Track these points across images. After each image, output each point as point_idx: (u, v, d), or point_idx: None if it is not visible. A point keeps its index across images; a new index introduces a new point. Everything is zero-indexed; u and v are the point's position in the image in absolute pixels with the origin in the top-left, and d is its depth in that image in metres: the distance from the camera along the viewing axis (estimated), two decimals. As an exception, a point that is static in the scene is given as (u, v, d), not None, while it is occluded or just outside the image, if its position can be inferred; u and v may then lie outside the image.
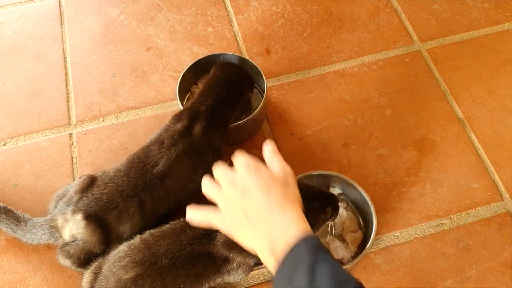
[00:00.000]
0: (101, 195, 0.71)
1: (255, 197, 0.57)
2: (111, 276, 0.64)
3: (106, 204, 0.71)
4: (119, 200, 0.71)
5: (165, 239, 0.66)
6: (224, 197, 0.60)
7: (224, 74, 0.82)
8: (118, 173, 0.74)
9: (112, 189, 0.72)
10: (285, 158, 0.88)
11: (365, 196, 0.77)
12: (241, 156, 0.62)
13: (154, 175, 0.73)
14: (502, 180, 0.87)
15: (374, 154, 0.90)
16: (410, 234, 0.82)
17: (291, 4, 1.11)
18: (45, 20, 1.09)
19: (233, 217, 0.59)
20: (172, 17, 1.09)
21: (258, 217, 0.56)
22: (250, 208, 0.57)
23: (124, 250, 0.66)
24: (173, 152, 0.74)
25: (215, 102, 0.77)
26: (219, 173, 0.62)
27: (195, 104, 0.78)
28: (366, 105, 0.96)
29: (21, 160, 0.90)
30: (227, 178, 0.60)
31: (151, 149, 0.75)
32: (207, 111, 0.77)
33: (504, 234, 0.81)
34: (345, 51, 1.03)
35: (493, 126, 0.93)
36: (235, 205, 0.58)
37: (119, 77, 1.00)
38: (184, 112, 0.78)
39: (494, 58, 1.02)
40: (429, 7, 1.10)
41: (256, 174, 0.59)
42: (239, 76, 0.84)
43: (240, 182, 0.59)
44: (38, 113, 0.95)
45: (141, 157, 0.74)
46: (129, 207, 0.71)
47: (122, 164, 0.75)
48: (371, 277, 0.78)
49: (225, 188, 0.60)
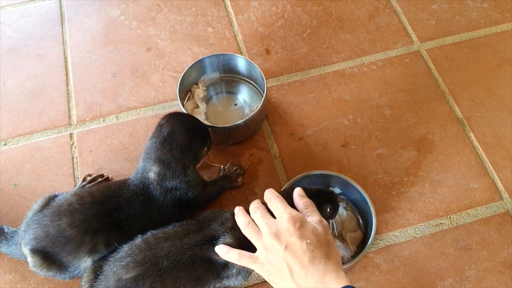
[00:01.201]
0: (47, 230, 0.68)
1: (300, 255, 0.58)
2: (111, 275, 0.65)
3: (57, 238, 0.68)
4: (75, 234, 0.68)
5: (167, 241, 0.66)
6: (264, 245, 0.61)
7: (169, 131, 0.73)
8: (76, 202, 0.70)
9: (68, 221, 0.68)
10: (285, 158, 0.89)
11: (364, 196, 0.77)
12: (285, 207, 0.63)
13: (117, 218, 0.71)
14: (502, 180, 0.87)
15: (373, 154, 0.90)
16: (409, 233, 0.82)
17: (291, 4, 1.11)
18: (46, 20, 1.09)
19: (273, 267, 0.60)
20: (172, 18, 1.09)
21: (303, 273, 0.57)
22: (293, 262, 0.58)
23: (125, 250, 0.67)
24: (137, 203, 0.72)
25: (161, 167, 0.72)
26: (259, 218, 0.63)
27: (144, 170, 0.73)
28: (366, 105, 0.96)
29: (22, 160, 0.90)
30: (269, 226, 0.61)
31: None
32: (156, 177, 0.72)
33: (503, 234, 0.81)
34: (344, 52, 1.03)
35: (493, 126, 0.93)
36: (276, 257, 0.59)
37: (120, 77, 1.00)
38: (134, 181, 0.74)
39: (494, 58, 1.02)
40: (428, 8, 1.10)
41: (302, 232, 0.60)
42: (188, 133, 0.73)
43: (284, 236, 0.60)
44: (39, 113, 0.96)
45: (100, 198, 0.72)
46: (84, 242, 0.68)
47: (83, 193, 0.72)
48: (370, 277, 0.78)
49: (267, 237, 0.61)
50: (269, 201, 0.65)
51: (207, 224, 0.69)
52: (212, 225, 0.68)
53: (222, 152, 0.90)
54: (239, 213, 0.66)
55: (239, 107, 0.95)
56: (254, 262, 0.62)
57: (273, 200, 0.64)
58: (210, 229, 0.68)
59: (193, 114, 0.91)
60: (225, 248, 0.64)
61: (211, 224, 0.69)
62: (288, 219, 0.61)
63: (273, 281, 0.61)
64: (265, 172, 0.88)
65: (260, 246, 0.61)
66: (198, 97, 0.94)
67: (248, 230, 0.63)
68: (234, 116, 0.94)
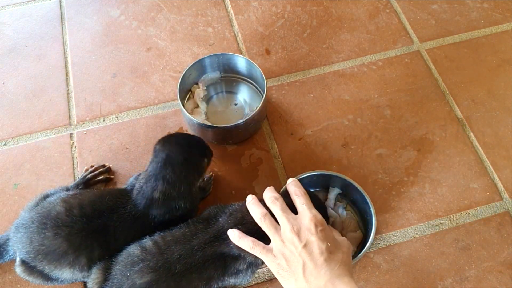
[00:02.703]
0: (32, 236, 0.67)
1: (317, 253, 0.59)
2: (125, 280, 0.64)
3: (41, 246, 0.67)
4: (58, 245, 0.67)
5: (176, 244, 0.66)
6: (282, 240, 0.61)
7: (166, 154, 0.72)
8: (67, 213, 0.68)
9: (54, 232, 0.67)
10: (285, 158, 0.89)
11: (364, 195, 0.77)
12: (310, 207, 0.63)
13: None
14: (502, 180, 0.87)
15: (373, 154, 0.90)
16: (409, 233, 0.82)
17: (291, 4, 1.11)
18: (46, 20, 1.09)
19: (287, 262, 0.60)
20: (172, 18, 1.09)
21: (315, 272, 0.58)
22: (309, 260, 0.58)
23: (137, 254, 0.66)
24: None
25: (166, 185, 0.71)
26: (279, 212, 0.63)
27: (147, 190, 0.72)
28: (366, 105, 0.96)
29: (22, 160, 0.90)
30: (291, 223, 0.62)
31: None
32: (161, 197, 0.71)
33: (503, 234, 0.81)
34: (344, 52, 1.03)
35: (493, 126, 0.93)
36: (293, 252, 0.60)
37: (120, 77, 1.00)
38: (137, 198, 0.72)
39: (494, 58, 1.02)
40: (428, 8, 1.10)
41: (324, 234, 0.61)
42: (184, 149, 0.73)
43: (305, 235, 0.60)
44: (39, 113, 0.96)
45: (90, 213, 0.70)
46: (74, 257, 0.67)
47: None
48: (370, 277, 0.78)
49: (286, 232, 0.61)
50: (296, 197, 0.65)
51: (214, 219, 0.69)
52: (220, 218, 0.68)
53: (222, 152, 0.90)
54: (253, 202, 0.65)
55: (239, 107, 0.95)
56: (266, 253, 0.62)
57: (300, 197, 0.65)
58: (218, 224, 0.67)
59: (193, 114, 0.91)
60: (239, 233, 0.64)
61: (219, 218, 0.68)
62: (311, 218, 0.61)
63: (282, 275, 0.61)
64: (265, 172, 0.88)
65: (277, 239, 0.61)
66: (198, 97, 0.94)
67: (265, 223, 0.63)
68: (234, 116, 0.94)
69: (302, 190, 0.66)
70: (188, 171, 0.72)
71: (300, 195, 0.65)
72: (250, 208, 0.65)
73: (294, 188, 0.67)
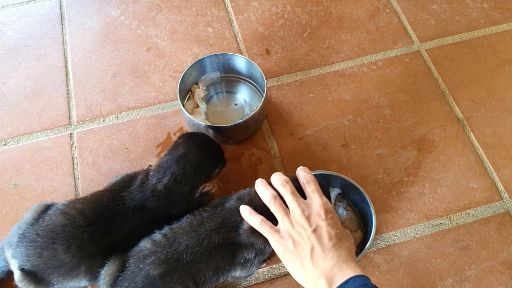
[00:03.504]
0: (41, 251, 0.66)
1: (326, 238, 0.59)
2: (138, 271, 0.65)
3: (51, 260, 0.66)
4: (70, 259, 0.66)
5: (183, 235, 0.66)
6: (291, 222, 0.61)
7: (185, 151, 0.73)
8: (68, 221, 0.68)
9: (63, 246, 0.66)
10: (285, 158, 0.89)
11: (364, 195, 0.77)
12: (321, 194, 0.64)
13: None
14: (501, 180, 0.87)
15: (373, 154, 0.90)
16: (409, 233, 0.82)
17: (291, 4, 1.11)
18: (46, 20, 1.09)
19: (294, 244, 0.60)
20: (172, 18, 1.09)
21: (323, 255, 0.58)
22: (317, 243, 0.59)
23: (148, 247, 0.66)
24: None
25: (172, 181, 0.71)
26: (289, 196, 0.63)
27: (152, 180, 0.72)
28: (366, 105, 0.96)
29: (22, 160, 0.90)
30: (301, 207, 0.62)
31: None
32: (163, 190, 0.71)
33: (503, 234, 0.81)
34: (344, 52, 1.04)
35: (492, 126, 0.93)
36: (302, 235, 0.60)
37: (120, 77, 1.00)
38: (141, 186, 0.72)
39: (494, 58, 1.02)
40: (428, 8, 1.10)
41: (333, 221, 0.61)
42: (203, 153, 0.74)
43: (315, 220, 0.61)
44: (39, 113, 0.96)
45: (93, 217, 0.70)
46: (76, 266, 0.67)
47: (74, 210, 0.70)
48: (370, 277, 0.77)
49: (297, 215, 0.61)
50: (306, 182, 0.65)
51: (221, 206, 0.69)
52: (227, 204, 0.68)
53: (222, 152, 0.90)
54: (262, 185, 0.66)
55: (239, 107, 0.95)
56: (273, 233, 0.62)
57: (311, 183, 0.65)
58: (225, 209, 0.67)
59: (193, 114, 0.91)
60: (250, 209, 0.64)
61: (226, 204, 0.68)
62: (321, 205, 0.62)
63: (287, 256, 0.61)
64: (265, 172, 0.88)
65: (286, 221, 0.62)
66: (198, 97, 0.94)
67: (274, 205, 0.63)
68: (234, 116, 0.94)
69: (312, 176, 0.66)
70: (198, 174, 0.73)
71: (311, 180, 0.65)
72: (259, 190, 0.66)
73: (304, 173, 0.66)
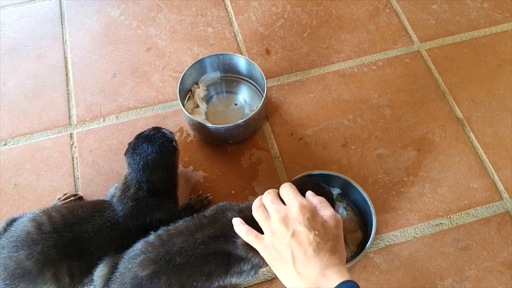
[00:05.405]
0: (15, 265, 0.65)
1: (305, 244, 0.58)
2: (127, 272, 0.64)
3: (15, 270, 0.65)
4: (33, 266, 0.65)
5: (179, 236, 0.66)
6: (271, 229, 0.61)
7: (139, 158, 0.74)
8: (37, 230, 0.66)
9: (26, 253, 0.65)
10: (285, 158, 0.89)
11: (364, 195, 0.77)
12: (296, 196, 0.63)
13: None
14: (501, 180, 0.87)
15: (373, 154, 0.90)
16: (409, 233, 0.82)
17: (291, 4, 1.11)
18: (46, 20, 1.09)
19: (277, 252, 0.60)
20: (172, 18, 1.09)
21: (305, 263, 0.57)
22: (297, 250, 0.58)
23: (139, 247, 0.66)
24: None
25: (149, 186, 0.72)
26: (269, 203, 0.63)
27: (130, 191, 0.72)
28: (366, 105, 0.96)
29: (22, 160, 0.90)
30: (278, 212, 0.61)
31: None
32: (145, 194, 0.72)
33: (503, 234, 0.81)
34: (344, 52, 1.04)
35: (493, 126, 0.93)
36: (281, 242, 0.59)
37: (120, 77, 1.00)
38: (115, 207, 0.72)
39: (494, 58, 1.02)
40: (428, 8, 1.10)
41: (310, 222, 0.60)
42: (155, 150, 0.74)
43: (292, 224, 0.60)
44: (39, 113, 0.96)
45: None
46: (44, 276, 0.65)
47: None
48: (370, 277, 0.78)
49: (274, 221, 0.61)
50: (281, 188, 0.65)
51: (222, 215, 0.68)
52: (229, 214, 0.68)
53: (222, 152, 0.90)
54: (256, 199, 0.66)
55: (239, 107, 0.95)
56: (258, 243, 0.62)
57: (285, 187, 0.64)
58: (226, 220, 0.67)
59: (193, 114, 0.91)
60: (239, 220, 0.64)
61: (228, 213, 0.68)
62: (299, 207, 0.61)
63: (274, 265, 0.61)
64: (265, 172, 0.88)
65: (267, 229, 0.62)
66: (198, 97, 0.94)
67: (257, 213, 0.64)
68: (234, 116, 0.94)
69: (287, 183, 0.66)
70: (164, 167, 0.73)
71: (285, 186, 0.65)
72: (254, 202, 0.66)
73: (283, 184, 0.66)
